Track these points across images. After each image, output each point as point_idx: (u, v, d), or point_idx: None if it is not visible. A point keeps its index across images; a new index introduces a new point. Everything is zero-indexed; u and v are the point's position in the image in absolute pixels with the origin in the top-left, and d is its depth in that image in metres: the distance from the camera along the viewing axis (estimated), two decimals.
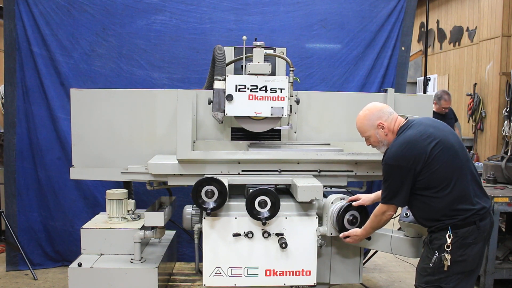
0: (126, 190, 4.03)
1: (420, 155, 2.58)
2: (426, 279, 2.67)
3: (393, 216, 2.88)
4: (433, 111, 5.95)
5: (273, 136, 3.86)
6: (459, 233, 2.58)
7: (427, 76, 5.59)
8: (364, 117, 2.84)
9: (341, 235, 3.14)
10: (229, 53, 3.73)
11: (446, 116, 6.06)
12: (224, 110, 3.42)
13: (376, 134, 2.82)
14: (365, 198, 3.20)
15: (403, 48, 4.97)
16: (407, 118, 2.83)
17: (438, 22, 9.54)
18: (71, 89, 3.77)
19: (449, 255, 2.56)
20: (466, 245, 2.58)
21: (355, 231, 3.08)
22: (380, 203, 2.81)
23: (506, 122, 6.61)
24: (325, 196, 3.34)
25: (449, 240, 2.56)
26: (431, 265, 2.63)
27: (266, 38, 4.15)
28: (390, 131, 2.79)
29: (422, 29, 10.14)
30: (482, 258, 2.75)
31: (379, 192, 3.14)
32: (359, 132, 2.93)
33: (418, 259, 3.30)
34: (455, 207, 2.59)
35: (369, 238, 3.23)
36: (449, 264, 2.56)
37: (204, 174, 3.32)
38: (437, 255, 2.60)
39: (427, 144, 2.59)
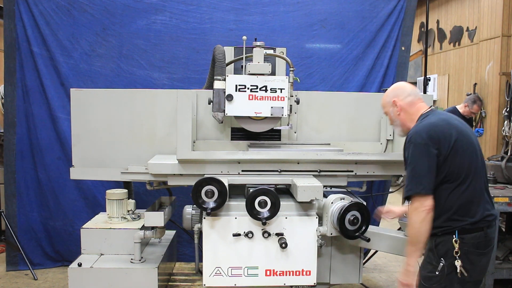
0: (126, 190, 4.03)
1: (445, 139, 2.48)
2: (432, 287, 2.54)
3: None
4: (459, 112, 6.03)
5: (273, 136, 3.86)
6: (465, 238, 2.47)
7: (427, 76, 5.58)
8: (386, 93, 2.83)
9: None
10: (229, 53, 3.73)
11: (469, 121, 6.11)
12: (224, 110, 3.42)
13: (391, 111, 2.79)
14: (396, 209, 3.07)
15: (403, 48, 4.97)
16: (431, 106, 2.76)
17: (438, 22, 9.54)
18: (71, 89, 3.77)
19: (459, 261, 2.44)
20: (473, 253, 2.48)
21: (405, 272, 2.55)
22: (409, 203, 2.56)
23: (506, 122, 6.59)
24: (325, 196, 3.34)
25: (456, 246, 2.45)
26: (437, 273, 2.49)
27: (266, 38, 4.15)
28: (403, 110, 2.72)
29: (422, 29, 10.14)
30: (487, 268, 2.65)
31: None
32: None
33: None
34: (467, 207, 2.48)
35: (368, 240, 3.20)
36: (462, 271, 2.44)
37: (204, 174, 3.32)
38: (443, 262, 2.47)
39: (452, 133, 2.50)
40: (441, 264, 2.49)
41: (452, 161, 2.49)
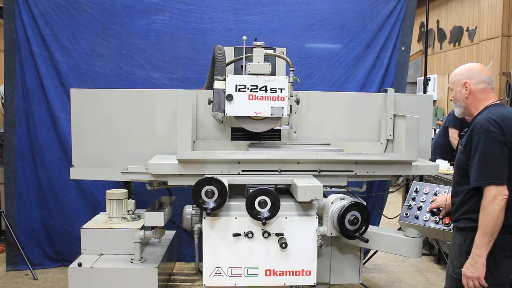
0: (126, 190, 4.03)
1: None
2: (458, 284, 2.53)
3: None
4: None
5: (273, 136, 3.86)
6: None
7: (427, 76, 5.58)
8: (459, 71, 2.74)
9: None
10: (229, 53, 3.73)
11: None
12: (224, 110, 3.42)
13: (458, 91, 2.71)
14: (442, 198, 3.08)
15: (403, 48, 4.97)
16: (501, 99, 2.75)
17: (438, 22, 9.55)
18: (71, 89, 3.77)
19: None
20: (499, 254, 2.46)
21: (473, 264, 2.46)
22: (484, 192, 2.45)
23: None
24: (325, 196, 3.34)
25: None
26: (462, 270, 2.48)
27: (266, 38, 4.15)
28: (472, 95, 2.65)
29: (422, 29, 10.14)
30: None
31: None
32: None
33: (418, 259, 3.29)
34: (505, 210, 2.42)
35: (366, 241, 3.19)
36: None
37: (204, 174, 3.32)
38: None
39: None
40: (467, 261, 2.47)
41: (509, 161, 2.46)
